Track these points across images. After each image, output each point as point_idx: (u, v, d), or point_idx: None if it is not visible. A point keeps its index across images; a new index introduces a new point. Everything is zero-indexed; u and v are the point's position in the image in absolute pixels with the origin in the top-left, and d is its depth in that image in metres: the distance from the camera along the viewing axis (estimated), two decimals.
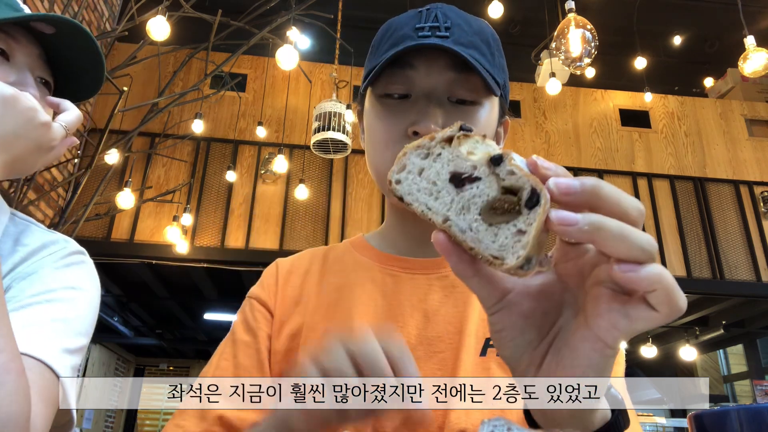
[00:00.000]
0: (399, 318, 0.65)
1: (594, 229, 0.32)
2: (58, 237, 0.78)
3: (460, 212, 0.36)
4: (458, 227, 0.36)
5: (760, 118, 6.41)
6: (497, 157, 0.35)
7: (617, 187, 0.34)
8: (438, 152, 0.38)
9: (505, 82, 0.68)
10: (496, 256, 0.34)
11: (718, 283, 5.50)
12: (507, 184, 0.35)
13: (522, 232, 0.34)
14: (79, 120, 0.71)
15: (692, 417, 0.64)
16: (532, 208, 0.33)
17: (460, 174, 0.37)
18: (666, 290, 0.32)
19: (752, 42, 3.36)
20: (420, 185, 0.38)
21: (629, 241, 0.32)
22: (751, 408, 0.55)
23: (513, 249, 0.34)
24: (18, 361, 0.56)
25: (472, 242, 0.35)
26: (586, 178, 0.33)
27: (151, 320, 8.68)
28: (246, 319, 0.72)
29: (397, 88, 0.65)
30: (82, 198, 4.13)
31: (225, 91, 4.62)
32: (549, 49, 4.36)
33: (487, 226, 0.35)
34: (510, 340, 0.39)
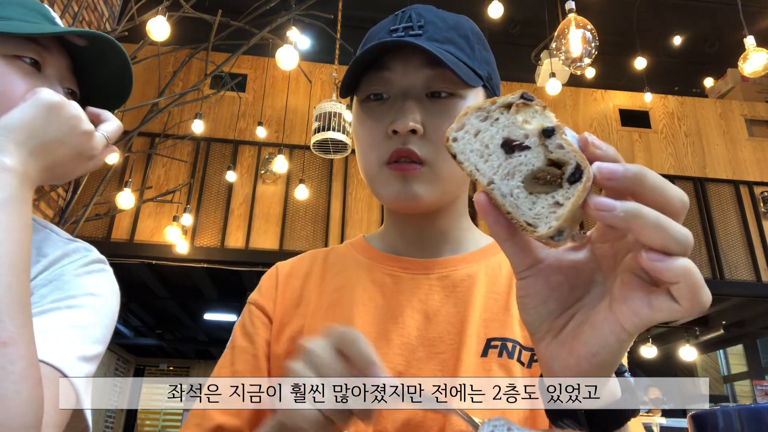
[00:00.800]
0: (399, 319, 0.65)
1: (630, 217, 0.32)
2: (79, 245, 0.78)
3: (504, 177, 0.37)
4: (500, 191, 0.37)
5: (760, 118, 6.41)
6: (550, 129, 0.36)
7: (660, 177, 0.34)
8: (496, 117, 0.39)
9: (489, 74, 0.68)
10: (530, 223, 0.36)
11: (718, 283, 5.50)
12: (554, 157, 0.36)
13: (559, 205, 0.35)
14: (120, 130, 0.72)
15: (692, 417, 0.64)
16: (573, 184, 0.34)
17: (512, 141, 0.38)
18: (690, 285, 0.32)
19: (752, 42, 3.36)
20: (474, 146, 0.39)
21: (665, 233, 0.32)
22: (751, 408, 0.55)
23: (547, 219, 0.35)
24: (36, 370, 0.56)
25: (510, 207, 0.37)
26: (630, 165, 0.33)
27: (151, 320, 8.68)
28: (244, 325, 0.72)
29: (375, 89, 0.66)
30: (82, 198, 4.13)
31: (225, 91, 4.63)
32: (549, 49, 4.36)
33: (528, 194, 0.36)
34: (532, 308, 0.40)
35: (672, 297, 0.33)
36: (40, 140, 0.61)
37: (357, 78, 0.67)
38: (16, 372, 0.53)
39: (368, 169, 0.68)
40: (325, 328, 0.46)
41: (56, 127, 0.63)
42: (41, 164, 0.62)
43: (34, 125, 0.61)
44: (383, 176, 0.66)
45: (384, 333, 0.64)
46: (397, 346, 0.63)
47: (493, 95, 0.69)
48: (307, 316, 0.69)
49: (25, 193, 0.59)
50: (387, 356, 0.62)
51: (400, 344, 0.63)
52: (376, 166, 0.66)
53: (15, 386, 0.52)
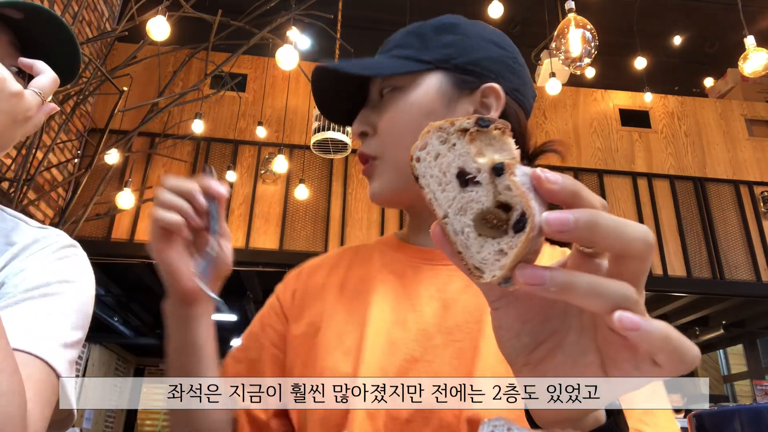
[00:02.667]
0: (417, 306, 0.66)
1: (562, 290, 0.30)
2: (49, 232, 0.77)
3: (458, 212, 0.34)
4: (453, 228, 0.34)
5: (760, 118, 6.41)
6: (499, 166, 0.33)
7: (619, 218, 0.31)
8: (453, 142, 0.35)
9: (449, 56, 0.69)
10: (477, 267, 0.33)
11: (718, 283, 5.50)
12: (502, 199, 0.33)
13: (503, 253, 0.32)
14: (55, 83, 0.67)
15: (692, 417, 0.64)
16: (518, 232, 0.32)
17: (466, 173, 0.34)
18: (670, 352, 0.30)
19: (752, 42, 3.36)
20: (433, 171, 0.36)
21: (601, 298, 0.30)
22: (751, 408, 0.55)
23: (491, 266, 0.33)
24: (11, 360, 0.55)
25: (461, 246, 0.34)
26: (582, 213, 0.30)
27: (151, 320, 8.68)
28: (262, 313, 0.79)
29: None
30: (82, 198, 4.13)
31: (225, 91, 4.62)
32: (549, 49, 4.35)
33: (477, 235, 0.33)
34: (507, 340, 0.38)
35: (654, 362, 0.31)
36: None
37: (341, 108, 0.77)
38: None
39: None
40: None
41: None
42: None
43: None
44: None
45: (401, 319, 0.65)
46: (414, 332, 0.63)
47: (463, 74, 0.69)
48: (327, 302, 0.71)
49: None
50: (403, 341, 0.63)
51: (416, 330, 0.63)
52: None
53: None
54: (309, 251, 5.16)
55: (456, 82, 0.69)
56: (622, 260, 0.32)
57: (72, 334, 0.69)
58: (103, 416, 9.50)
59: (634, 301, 0.30)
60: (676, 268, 5.51)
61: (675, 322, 7.41)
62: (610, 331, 0.33)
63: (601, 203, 0.32)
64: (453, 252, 0.35)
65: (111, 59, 5.11)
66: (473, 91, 0.69)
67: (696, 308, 6.77)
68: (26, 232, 0.75)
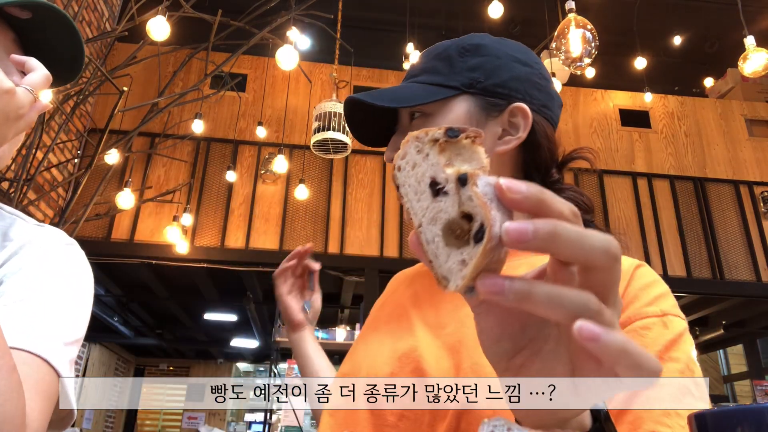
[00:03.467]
0: (435, 304, 0.71)
1: (521, 299, 0.30)
2: (46, 230, 0.77)
3: (429, 222, 0.35)
4: (425, 237, 0.35)
5: (760, 118, 6.41)
6: (463, 177, 0.33)
7: (581, 229, 0.31)
8: (426, 152, 0.36)
9: (475, 80, 0.71)
10: (444, 276, 0.34)
11: (718, 283, 5.50)
12: (465, 209, 0.33)
13: (465, 263, 0.32)
14: (48, 80, 0.66)
15: (692, 417, 0.64)
16: (477, 241, 0.32)
17: (437, 183, 0.35)
18: (630, 364, 0.30)
19: (752, 42, 3.36)
20: (410, 180, 0.36)
21: (560, 308, 0.30)
22: (751, 408, 0.54)
23: (455, 276, 0.33)
24: (8, 358, 0.54)
25: (431, 255, 0.35)
26: (542, 224, 0.30)
27: (151, 320, 8.68)
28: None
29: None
30: (82, 198, 4.13)
31: (225, 91, 4.62)
32: (549, 49, 4.35)
33: (444, 244, 0.34)
34: (488, 346, 0.38)
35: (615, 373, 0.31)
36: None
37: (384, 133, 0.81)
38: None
39: None
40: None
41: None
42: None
43: None
44: None
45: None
46: (426, 324, 0.69)
47: (490, 96, 0.71)
48: (370, 317, 0.82)
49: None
50: (415, 331, 0.68)
51: (432, 323, 0.68)
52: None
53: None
54: None
55: (483, 105, 0.70)
56: (587, 271, 0.32)
57: (71, 333, 0.68)
58: (103, 416, 9.50)
59: (595, 311, 0.30)
60: (676, 268, 5.51)
61: None
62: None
63: (571, 211, 0.32)
64: (427, 261, 0.35)
65: (111, 59, 5.11)
66: (501, 112, 0.71)
67: (696, 308, 6.77)
68: (24, 230, 0.75)
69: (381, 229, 5.37)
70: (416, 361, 0.63)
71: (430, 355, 0.63)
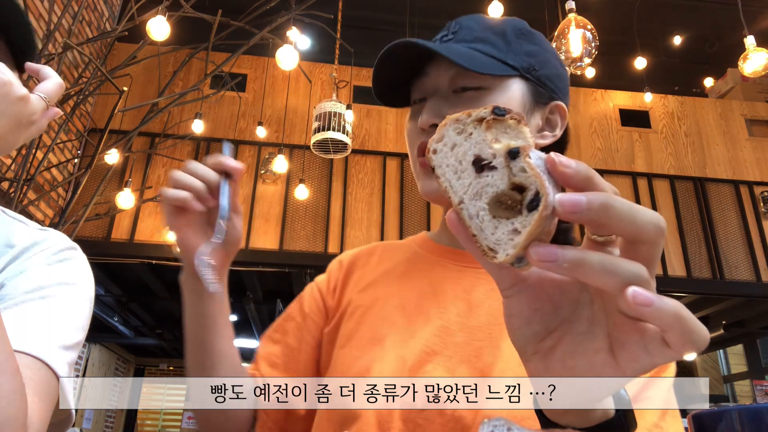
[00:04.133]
0: (441, 303, 0.67)
1: (575, 267, 0.31)
2: (49, 233, 0.77)
3: (473, 197, 0.36)
4: (468, 212, 0.36)
5: (760, 118, 6.41)
6: (515, 150, 0.34)
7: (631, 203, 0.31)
8: (470, 131, 0.37)
9: (531, 65, 0.69)
10: (491, 248, 0.34)
11: (718, 283, 5.50)
12: (517, 181, 0.34)
13: (517, 232, 0.33)
14: (61, 88, 0.67)
15: (692, 417, 0.64)
16: (531, 211, 0.32)
17: (482, 159, 0.36)
18: (682, 331, 0.30)
19: (752, 42, 3.36)
20: (449, 161, 0.37)
21: (614, 276, 0.31)
22: (751, 408, 0.54)
23: (505, 246, 0.34)
24: (12, 361, 0.55)
25: (475, 230, 0.35)
26: (595, 196, 0.31)
27: (151, 320, 8.68)
28: (302, 302, 0.79)
29: (416, 95, 0.72)
30: (82, 198, 4.13)
31: (225, 91, 4.62)
32: None
33: (491, 217, 0.35)
34: (517, 328, 0.38)
35: (664, 341, 0.31)
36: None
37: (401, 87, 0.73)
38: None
39: (412, 163, 0.72)
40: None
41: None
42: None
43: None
44: (417, 170, 0.70)
45: (425, 313, 0.66)
46: (435, 327, 0.65)
47: (541, 87, 0.70)
48: (354, 294, 0.74)
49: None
50: (423, 334, 0.64)
51: (439, 326, 0.65)
52: (414, 160, 0.70)
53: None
54: (309, 251, 5.16)
55: (534, 93, 0.70)
56: (634, 245, 0.32)
57: (72, 336, 0.69)
58: (103, 416, 9.49)
59: (646, 279, 0.31)
60: (676, 268, 5.51)
61: None
62: (620, 315, 0.33)
63: (613, 189, 0.33)
64: (467, 236, 0.36)
65: (111, 59, 5.11)
66: (544, 106, 0.71)
67: (696, 308, 6.77)
68: (26, 234, 0.75)
69: (381, 229, 5.37)
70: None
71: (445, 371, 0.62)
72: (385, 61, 0.69)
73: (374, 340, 0.66)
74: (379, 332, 0.66)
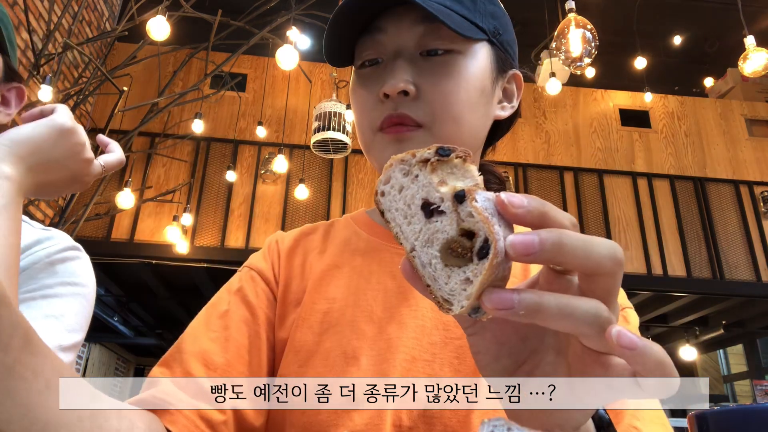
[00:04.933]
0: (411, 302, 0.61)
1: (532, 313, 0.30)
2: (52, 233, 0.78)
3: (425, 244, 0.34)
4: (420, 260, 0.34)
5: (760, 118, 6.41)
6: (461, 194, 0.32)
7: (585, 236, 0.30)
8: (415, 173, 0.35)
9: (497, 29, 0.62)
10: (446, 299, 0.33)
11: (718, 283, 5.50)
12: (465, 226, 0.32)
13: (469, 282, 0.31)
14: (121, 163, 0.74)
15: (692, 417, 0.64)
16: (482, 259, 0.31)
17: (430, 203, 0.34)
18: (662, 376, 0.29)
19: (752, 42, 3.36)
20: (398, 204, 0.35)
21: (573, 320, 0.30)
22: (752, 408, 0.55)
23: (459, 297, 0.32)
24: None
25: (429, 279, 0.33)
26: (546, 234, 0.29)
27: (151, 320, 8.68)
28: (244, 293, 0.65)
29: (369, 55, 0.61)
30: (82, 198, 4.13)
31: (225, 91, 4.62)
32: (549, 49, 4.35)
33: (444, 265, 0.33)
34: (485, 365, 0.37)
35: (635, 380, 0.30)
36: (42, 159, 0.63)
37: (349, 44, 0.62)
38: None
39: (363, 137, 0.63)
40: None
41: (61, 151, 0.65)
42: (36, 180, 0.64)
43: (42, 145, 0.63)
44: (377, 142, 0.60)
45: (397, 316, 0.60)
46: (411, 329, 0.59)
47: (503, 53, 0.64)
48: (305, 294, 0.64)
49: (19, 202, 0.61)
50: (401, 341, 0.59)
51: (414, 327, 0.60)
52: (369, 132, 0.61)
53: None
54: None
55: (498, 60, 0.63)
56: (591, 278, 0.31)
57: (70, 337, 0.69)
58: None
59: (606, 318, 0.30)
60: (676, 268, 5.51)
61: (675, 322, 7.41)
62: (582, 348, 0.32)
63: (570, 221, 0.32)
64: (423, 287, 0.34)
65: (111, 59, 5.11)
66: (504, 75, 0.65)
67: (696, 308, 6.77)
68: (29, 233, 0.75)
69: None
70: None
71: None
72: (344, 13, 0.59)
73: (347, 359, 0.58)
74: (350, 347, 0.58)
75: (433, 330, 0.59)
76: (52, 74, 3.66)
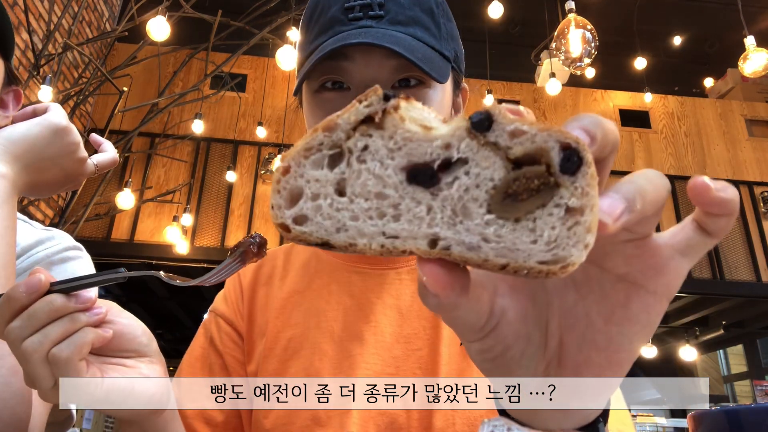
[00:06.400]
0: (371, 318, 0.62)
1: (639, 201, 0.25)
2: (53, 233, 0.78)
3: (452, 223, 0.24)
4: (463, 245, 0.24)
5: (760, 118, 6.41)
6: (481, 119, 0.23)
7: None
8: (361, 145, 0.24)
9: (456, 53, 0.63)
10: (547, 260, 0.23)
11: (718, 283, 5.50)
12: (517, 152, 0.23)
13: (575, 211, 0.23)
14: (114, 163, 0.75)
15: (692, 417, 0.64)
16: (575, 173, 0.23)
17: (425, 164, 0.24)
18: (730, 216, 0.28)
19: (752, 42, 3.36)
20: (353, 209, 0.24)
21: (663, 184, 0.27)
22: (751, 408, 0.54)
23: (574, 239, 0.23)
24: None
25: (498, 257, 0.23)
26: (584, 117, 0.26)
27: (151, 320, 8.68)
28: (212, 338, 0.69)
29: (333, 77, 0.59)
30: (82, 198, 4.13)
31: (225, 91, 4.62)
32: (549, 49, 4.35)
33: (513, 223, 0.23)
34: (520, 356, 0.30)
35: (705, 231, 0.28)
36: (37, 157, 0.64)
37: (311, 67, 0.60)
38: (5, 366, 0.54)
39: None
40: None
41: (55, 149, 0.66)
42: (31, 179, 0.65)
43: (36, 143, 0.64)
44: None
45: (357, 334, 0.61)
46: (371, 346, 0.60)
47: (459, 73, 0.65)
48: (269, 324, 0.65)
49: (14, 200, 0.61)
50: (362, 357, 0.59)
51: (374, 343, 0.60)
52: None
53: (4, 379, 0.54)
54: None
55: (454, 81, 0.65)
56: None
57: None
58: (102, 417, 9.49)
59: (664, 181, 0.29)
60: None
61: (675, 323, 7.41)
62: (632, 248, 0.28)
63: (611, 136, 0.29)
64: (455, 282, 0.25)
65: (111, 59, 5.11)
66: (458, 90, 0.67)
67: (696, 308, 6.77)
68: (30, 234, 0.76)
69: None
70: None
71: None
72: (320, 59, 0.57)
73: (314, 373, 0.59)
74: (313, 369, 0.59)
75: (394, 344, 0.60)
76: (52, 74, 3.66)
